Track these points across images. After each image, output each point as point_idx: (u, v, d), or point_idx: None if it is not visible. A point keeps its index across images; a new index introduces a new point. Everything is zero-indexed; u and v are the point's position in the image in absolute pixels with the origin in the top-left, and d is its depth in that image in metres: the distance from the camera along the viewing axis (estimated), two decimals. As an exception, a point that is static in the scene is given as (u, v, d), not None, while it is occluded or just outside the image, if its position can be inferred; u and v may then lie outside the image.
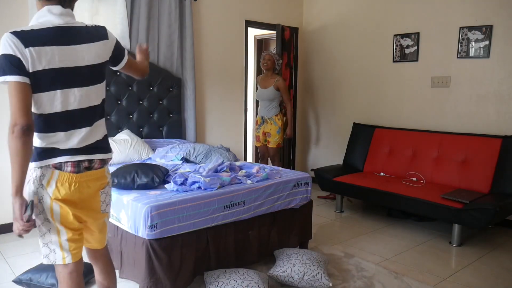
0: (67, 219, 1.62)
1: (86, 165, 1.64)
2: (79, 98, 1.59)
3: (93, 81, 1.63)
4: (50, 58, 1.49)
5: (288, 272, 2.58)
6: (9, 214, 3.56)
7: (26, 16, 3.45)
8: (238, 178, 2.90)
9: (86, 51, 1.59)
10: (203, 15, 4.65)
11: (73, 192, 1.61)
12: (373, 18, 4.91)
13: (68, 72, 1.54)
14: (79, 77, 1.58)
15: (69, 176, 1.59)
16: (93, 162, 1.66)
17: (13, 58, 1.43)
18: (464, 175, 3.83)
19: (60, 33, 1.53)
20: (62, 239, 1.64)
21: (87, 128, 1.64)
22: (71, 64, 1.55)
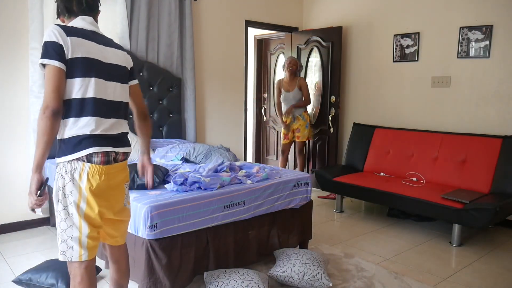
0: (91, 214, 1.68)
1: (114, 156, 1.74)
2: (109, 90, 1.75)
3: (119, 79, 1.81)
4: (88, 49, 1.68)
5: (288, 272, 2.58)
6: (9, 214, 3.57)
7: (26, 16, 3.45)
8: (238, 178, 2.90)
9: (112, 53, 1.80)
10: (203, 15, 4.65)
11: (102, 183, 1.68)
12: (373, 18, 4.91)
13: (101, 64, 1.72)
14: (109, 72, 1.76)
15: (99, 168, 1.67)
16: (118, 154, 1.77)
17: (55, 45, 1.59)
18: (464, 175, 3.83)
19: (93, 34, 1.76)
20: (83, 235, 1.67)
21: (114, 120, 1.76)
22: (103, 59, 1.73)
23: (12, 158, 3.55)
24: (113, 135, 1.75)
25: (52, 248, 3.24)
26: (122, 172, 1.81)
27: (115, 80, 1.77)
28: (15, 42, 3.47)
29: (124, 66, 1.85)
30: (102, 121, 1.70)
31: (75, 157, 1.63)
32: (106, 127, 1.71)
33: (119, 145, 1.77)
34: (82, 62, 1.65)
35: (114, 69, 1.78)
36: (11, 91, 3.50)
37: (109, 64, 1.75)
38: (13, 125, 3.53)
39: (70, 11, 1.76)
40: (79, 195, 1.64)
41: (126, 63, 1.87)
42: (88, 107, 1.67)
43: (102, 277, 2.74)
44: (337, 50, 5.04)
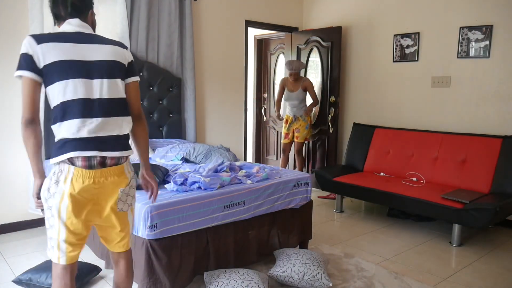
0: (72, 219, 1.64)
1: (98, 160, 1.66)
2: (94, 88, 1.67)
3: (107, 75, 1.71)
4: (64, 52, 1.63)
5: (288, 272, 2.58)
6: (9, 214, 3.57)
7: (26, 16, 3.45)
8: (238, 178, 2.90)
9: (97, 50, 1.71)
10: (203, 15, 4.65)
11: (87, 187, 1.63)
12: (373, 18, 4.91)
13: (80, 64, 1.65)
14: (93, 69, 1.68)
15: (83, 172, 1.62)
16: (106, 158, 1.68)
17: (26, 56, 1.59)
18: (464, 175, 3.83)
19: (75, 35, 1.70)
20: (60, 239, 1.65)
21: (101, 119, 1.67)
22: (83, 58, 1.67)
23: (12, 158, 3.55)
24: (99, 137, 1.66)
25: (52, 248, 3.24)
26: (115, 177, 1.70)
27: (100, 77, 1.68)
28: (15, 42, 3.47)
29: (115, 61, 1.74)
30: (87, 122, 1.64)
31: (59, 159, 1.62)
32: (91, 128, 1.64)
33: (106, 149, 1.67)
34: (58, 66, 1.61)
35: (99, 66, 1.69)
36: (11, 91, 3.50)
37: (92, 62, 1.68)
38: (13, 125, 3.53)
39: (59, 17, 1.74)
40: (60, 198, 1.61)
41: (119, 58, 1.76)
42: (69, 109, 1.62)
43: (102, 277, 2.74)
44: (337, 50, 5.04)
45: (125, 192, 1.75)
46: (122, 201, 1.75)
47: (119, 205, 1.75)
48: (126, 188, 1.76)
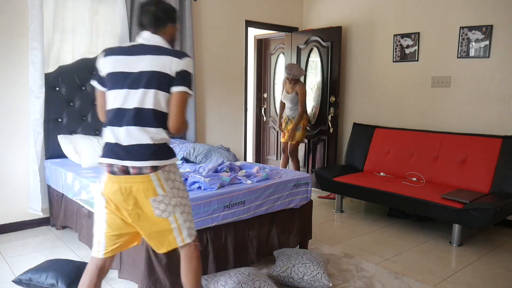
0: (109, 216, 1.80)
1: (120, 168, 1.74)
2: (130, 97, 1.75)
3: (144, 85, 1.75)
4: (116, 64, 1.79)
5: (288, 273, 2.58)
6: (9, 214, 3.57)
7: (26, 16, 3.45)
8: (238, 178, 2.90)
9: (142, 61, 1.76)
10: (203, 15, 4.65)
11: (114, 191, 1.75)
12: (373, 18, 4.91)
13: (125, 75, 1.77)
14: (134, 80, 1.76)
15: (110, 176, 1.76)
16: (128, 166, 1.74)
17: (97, 68, 1.85)
18: (464, 175, 3.83)
19: (134, 47, 1.83)
20: (101, 232, 1.82)
21: (125, 127, 1.75)
22: (129, 69, 1.77)
23: (12, 158, 3.55)
24: (123, 146, 1.74)
25: (52, 248, 3.24)
26: (139, 185, 1.73)
27: (136, 87, 1.74)
28: (15, 42, 3.47)
29: (155, 71, 1.74)
30: (115, 130, 1.76)
31: (99, 161, 1.81)
32: (117, 136, 1.74)
33: (127, 158, 1.73)
34: (109, 77, 1.80)
35: (138, 77, 1.75)
36: (11, 91, 3.50)
37: (133, 73, 1.75)
38: (13, 125, 3.53)
39: (141, 27, 1.88)
40: (98, 195, 1.81)
41: (161, 68, 1.75)
42: (109, 117, 1.80)
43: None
44: (337, 50, 5.04)
45: (157, 200, 1.77)
46: (159, 209, 1.78)
47: (156, 212, 1.78)
48: (157, 197, 1.76)
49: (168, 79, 1.76)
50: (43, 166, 3.60)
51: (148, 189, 1.74)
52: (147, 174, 1.74)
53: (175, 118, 1.78)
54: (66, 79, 3.65)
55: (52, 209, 3.61)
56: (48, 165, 3.56)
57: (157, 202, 1.77)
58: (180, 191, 1.86)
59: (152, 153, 1.75)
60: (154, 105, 1.75)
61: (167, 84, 1.76)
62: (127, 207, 1.75)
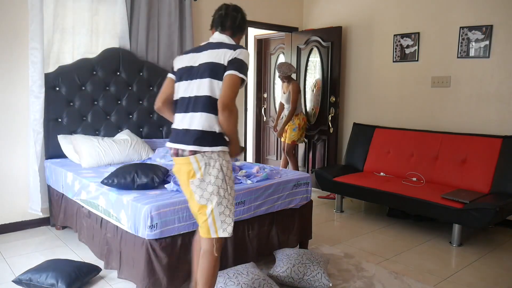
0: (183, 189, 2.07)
1: (173, 151, 2.00)
2: (190, 87, 2.00)
3: (202, 75, 1.96)
4: (184, 61, 2.08)
5: (288, 272, 2.58)
6: (9, 214, 3.57)
7: (26, 16, 3.44)
8: (238, 178, 2.90)
9: (203, 56, 2.01)
10: (203, 15, 4.65)
11: (175, 171, 2.06)
12: (373, 18, 4.91)
13: (187, 69, 2.04)
14: (193, 73, 2.01)
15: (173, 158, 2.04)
16: (177, 149, 1.97)
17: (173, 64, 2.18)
18: (464, 175, 3.83)
19: (201, 46, 2.10)
20: None
21: (182, 114, 2.01)
22: (193, 64, 2.03)
23: (12, 158, 3.55)
24: (178, 129, 2.00)
25: (52, 248, 3.24)
26: (184, 167, 1.94)
27: (195, 78, 1.98)
28: (15, 42, 3.47)
29: (209, 62, 1.95)
30: (177, 117, 2.04)
31: None
32: (176, 121, 2.04)
33: (178, 141, 1.97)
34: (178, 72, 2.09)
35: (197, 69, 1.99)
36: (11, 91, 3.49)
37: (196, 66, 2.00)
38: (13, 125, 3.53)
39: (218, 26, 2.15)
40: None
41: (215, 59, 1.95)
42: (175, 106, 2.08)
43: (102, 277, 2.74)
44: (337, 50, 5.04)
45: (194, 183, 1.94)
46: (197, 194, 1.94)
47: (195, 197, 1.95)
48: (195, 180, 1.93)
49: (221, 68, 1.93)
50: (43, 166, 3.60)
51: (189, 171, 1.93)
52: (187, 156, 1.92)
53: (223, 94, 1.90)
54: (66, 79, 3.65)
55: (52, 209, 3.61)
56: (48, 165, 3.56)
57: (194, 185, 1.93)
58: (218, 180, 1.92)
59: (195, 139, 1.91)
60: (209, 92, 1.93)
61: (221, 73, 1.93)
62: (183, 185, 2.02)
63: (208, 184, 1.91)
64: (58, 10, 3.64)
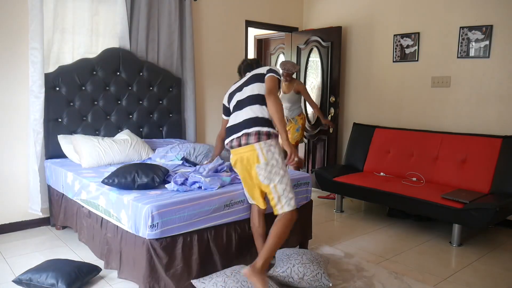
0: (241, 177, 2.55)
1: (235, 143, 2.40)
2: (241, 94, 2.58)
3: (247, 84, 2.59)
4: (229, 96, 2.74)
5: (288, 272, 2.58)
6: (9, 214, 3.57)
7: (26, 16, 3.44)
8: (238, 178, 2.89)
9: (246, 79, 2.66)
10: (203, 15, 4.65)
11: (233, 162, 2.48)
12: (373, 18, 4.91)
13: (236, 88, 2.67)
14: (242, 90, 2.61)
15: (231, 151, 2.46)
16: (241, 138, 2.37)
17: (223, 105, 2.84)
18: (464, 175, 3.83)
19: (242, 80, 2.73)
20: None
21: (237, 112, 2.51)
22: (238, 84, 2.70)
23: (12, 158, 3.55)
24: (236, 123, 2.45)
25: (52, 248, 3.24)
26: (249, 154, 2.35)
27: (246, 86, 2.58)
28: (15, 42, 3.47)
29: (254, 74, 2.61)
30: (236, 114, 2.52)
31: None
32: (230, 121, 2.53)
33: (241, 129, 2.39)
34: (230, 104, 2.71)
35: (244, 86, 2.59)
36: (11, 91, 3.49)
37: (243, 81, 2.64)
38: (13, 125, 3.53)
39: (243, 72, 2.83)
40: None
41: (258, 71, 2.61)
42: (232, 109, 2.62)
43: (102, 277, 2.74)
44: (337, 50, 5.04)
45: (260, 167, 2.33)
46: (262, 176, 2.34)
47: (260, 178, 2.36)
48: (260, 164, 2.33)
49: (262, 75, 2.55)
50: (43, 166, 3.59)
51: (254, 157, 2.32)
52: (252, 144, 2.31)
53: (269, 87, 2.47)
54: (66, 79, 3.65)
55: (52, 209, 3.61)
56: (48, 165, 3.56)
57: (260, 168, 2.32)
58: (278, 163, 2.35)
59: (256, 122, 2.38)
60: (258, 91, 2.49)
61: (263, 79, 2.53)
62: (244, 172, 2.42)
63: (272, 166, 2.32)
64: (58, 10, 3.64)
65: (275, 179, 2.33)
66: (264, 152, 2.31)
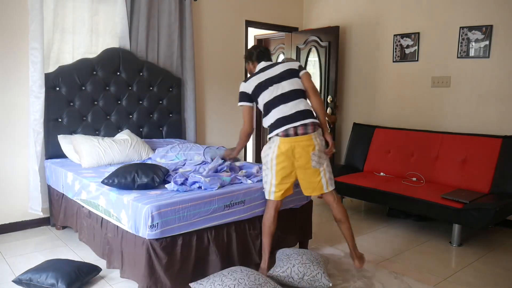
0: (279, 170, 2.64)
1: (292, 132, 2.60)
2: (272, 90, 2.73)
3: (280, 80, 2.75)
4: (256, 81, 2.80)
5: (288, 272, 2.58)
6: (9, 214, 3.57)
7: (26, 16, 3.44)
8: (238, 178, 2.90)
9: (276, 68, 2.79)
10: (203, 15, 4.65)
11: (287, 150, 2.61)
12: (373, 18, 4.91)
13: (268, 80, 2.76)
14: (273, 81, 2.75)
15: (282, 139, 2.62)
16: (298, 128, 2.60)
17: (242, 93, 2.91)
18: (464, 175, 3.83)
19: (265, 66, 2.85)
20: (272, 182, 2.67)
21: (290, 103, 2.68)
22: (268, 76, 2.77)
23: (12, 158, 3.55)
24: (289, 114, 2.64)
25: (52, 248, 3.24)
26: (305, 143, 2.61)
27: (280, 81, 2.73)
28: (15, 42, 3.47)
29: (287, 69, 2.77)
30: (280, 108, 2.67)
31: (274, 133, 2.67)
32: (281, 111, 2.66)
33: (298, 120, 2.62)
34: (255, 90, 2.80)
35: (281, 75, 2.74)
36: (11, 91, 3.49)
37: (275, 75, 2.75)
38: (13, 125, 3.53)
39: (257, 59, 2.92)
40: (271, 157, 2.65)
41: (290, 66, 2.79)
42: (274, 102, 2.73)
43: (102, 277, 2.74)
44: (334, 50, 5.03)
45: (315, 154, 2.63)
46: (314, 161, 2.64)
47: (312, 163, 2.64)
48: (315, 151, 2.63)
49: (296, 72, 2.78)
50: (43, 166, 3.60)
51: (310, 145, 2.62)
52: (310, 134, 2.62)
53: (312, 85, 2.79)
54: (66, 79, 3.65)
55: (52, 209, 3.61)
56: (48, 165, 3.56)
57: (314, 155, 2.63)
58: (324, 150, 2.70)
59: (310, 114, 2.68)
60: (299, 86, 2.74)
61: (297, 75, 2.78)
62: (288, 161, 2.62)
63: (321, 153, 2.67)
64: (58, 10, 3.64)
65: (323, 163, 2.69)
66: (318, 141, 2.65)
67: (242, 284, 2.28)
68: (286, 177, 2.66)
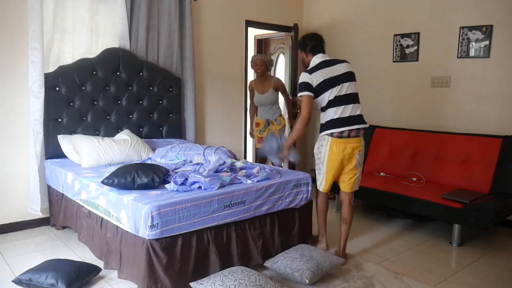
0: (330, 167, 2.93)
1: (346, 134, 2.82)
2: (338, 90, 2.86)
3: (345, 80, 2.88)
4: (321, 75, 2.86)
5: (279, 264, 2.60)
6: (9, 214, 3.57)
7: (26, 16, 3.44)
8: (238, 178, 2.90)
9: (339, 67, 2.91)
10: (203, 15, 4.65)
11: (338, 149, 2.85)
12: (373, 18, 4.91)
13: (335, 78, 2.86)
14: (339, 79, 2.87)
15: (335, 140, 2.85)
16: (352, 131, 2.82)
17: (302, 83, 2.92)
18: (464, 175, 3.83)
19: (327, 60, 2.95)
20: (324, 177, 2.98)
21: (346, 105, 2.85)
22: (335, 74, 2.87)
23: (12, 158, 3.55)
24: (349, 116, 2.83)
25: (52, 248, 3.24)
26: (355, 144, 2.86)
27: (345, 82, 2.87)
28: (15, 42, 3.47)
29: (349, 71, 2.92)
30: (339, 109, 2.83)
31: (328, 132, 2.86)
32: (341, 112, 2.83)
33: (355, 123, 2.84)
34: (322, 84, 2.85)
35: (344, 75, 2.87)
36: (11, 91, 3.49)
37: (340, 74, 2.87)
38: (13, 125, 3.53)
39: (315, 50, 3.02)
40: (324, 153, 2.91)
41: (350, 69, 2.94)
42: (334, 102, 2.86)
43: (102, 277, 2.73)
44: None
45: (360, 154, 2.91)
46: (357, 160, 2.91)
47: (355, 163, 2.91)
48: (360, 152, 2.91)
49: (354, 75, 2.95)
50: (43, 166, 3.59)
51: (358, 146, 2.87)
52: (360, 137, 2.88)
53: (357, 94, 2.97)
54: (66, 79, 3.65)
55: (52, 209, 3.61)
56: (48, 165, 3.56)
57: (359, 155, 2.90)
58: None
59: (362, 120, 2.91)
60: (356, 90, 2.92)
61: (354, 78, 2.95)
62: (339, 157, 2.85)
63: (362, 155, 2.93)
64: (58, 10, 3.64)
65: (362, 164, 2.98)
66: (363, 144, 2.93)
67: (242, 285, 2.28)
68: (335, 173, 2.94)
